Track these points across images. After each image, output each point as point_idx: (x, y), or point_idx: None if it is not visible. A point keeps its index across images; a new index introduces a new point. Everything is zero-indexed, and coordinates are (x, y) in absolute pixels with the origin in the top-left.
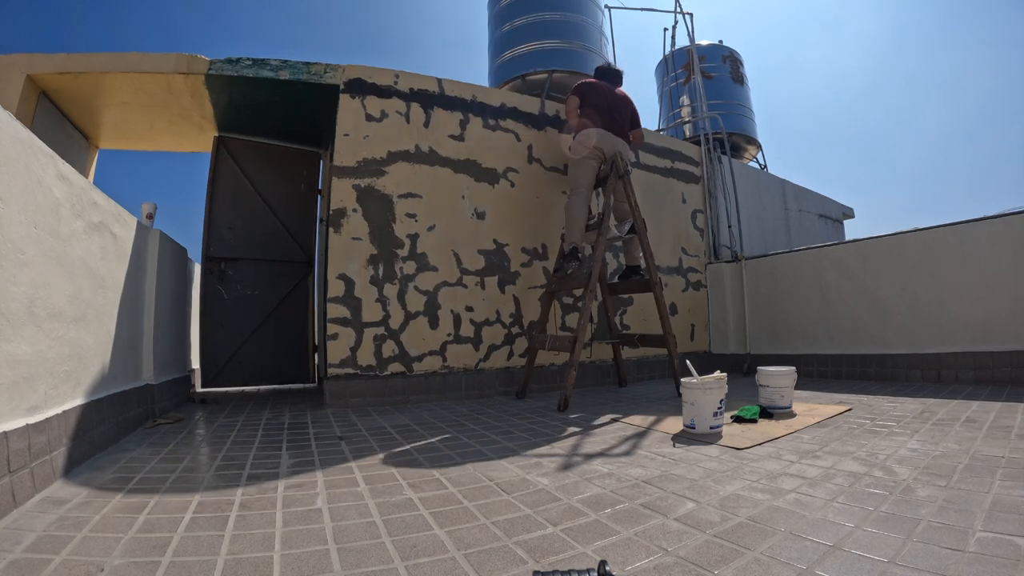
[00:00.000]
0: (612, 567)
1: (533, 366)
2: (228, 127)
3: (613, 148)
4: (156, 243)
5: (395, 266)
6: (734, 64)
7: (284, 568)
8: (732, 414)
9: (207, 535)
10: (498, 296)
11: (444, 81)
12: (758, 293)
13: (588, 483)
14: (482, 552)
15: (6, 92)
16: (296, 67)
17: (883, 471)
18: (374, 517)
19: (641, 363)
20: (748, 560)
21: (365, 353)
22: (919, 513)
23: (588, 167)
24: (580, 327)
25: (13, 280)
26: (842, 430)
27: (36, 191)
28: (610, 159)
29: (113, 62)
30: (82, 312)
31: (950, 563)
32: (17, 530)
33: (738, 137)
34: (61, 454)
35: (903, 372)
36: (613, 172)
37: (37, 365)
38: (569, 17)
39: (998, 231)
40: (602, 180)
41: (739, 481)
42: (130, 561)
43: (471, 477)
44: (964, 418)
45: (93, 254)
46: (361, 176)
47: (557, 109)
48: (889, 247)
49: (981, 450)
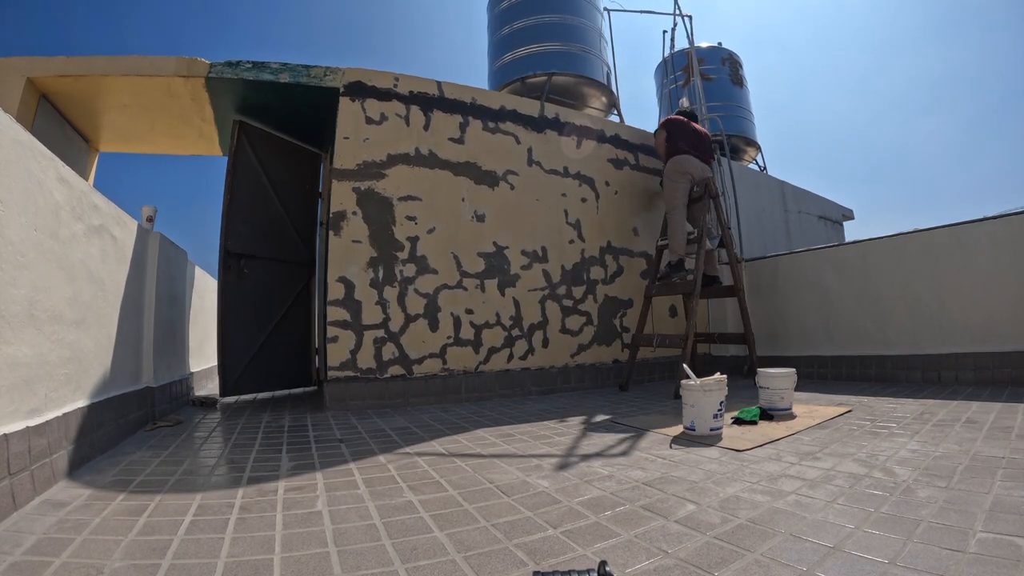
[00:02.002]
0: (612, 569)
1: (635, 362)
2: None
3: (703, 173)
4: (156, 246)
5: (395, 269)
6: (733, 66)
7: (284, 570)
8: (732, 416)
9: (207, 537)
10: (498, 299)
11: (444, 84)
12: (758, 295)
13: (588, 485)
14: (482, 554)
15: (6, 95)
16: (296, 70)
17: (883, 472)
18: (374, 519)
19: (641, 365)
20: (748, 562)
21: (365, 356)
22: (919, 514)
23: (683, 188)
24: (689, 327)
25: (13, 283)
26: (842, 431)
27: (36, 194)
28: (702, 182)
29: (113, 65)
30: (82, 315)
31: (950, 564)
32: (17, 532)
33: (737, 139)
34: (61, 457)
35: (903, 373)
36: (707, 193)
37: (37, 368)
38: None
39: (999, 232)
40: (695, 200)
41: (739, 483)
42: (130, 564)
43: (471, 479)
44: (964, 419)
45: (93, 257)
46: (361, 179)
47: (556, 111)
48: (889, 248)
49: (981, 451)
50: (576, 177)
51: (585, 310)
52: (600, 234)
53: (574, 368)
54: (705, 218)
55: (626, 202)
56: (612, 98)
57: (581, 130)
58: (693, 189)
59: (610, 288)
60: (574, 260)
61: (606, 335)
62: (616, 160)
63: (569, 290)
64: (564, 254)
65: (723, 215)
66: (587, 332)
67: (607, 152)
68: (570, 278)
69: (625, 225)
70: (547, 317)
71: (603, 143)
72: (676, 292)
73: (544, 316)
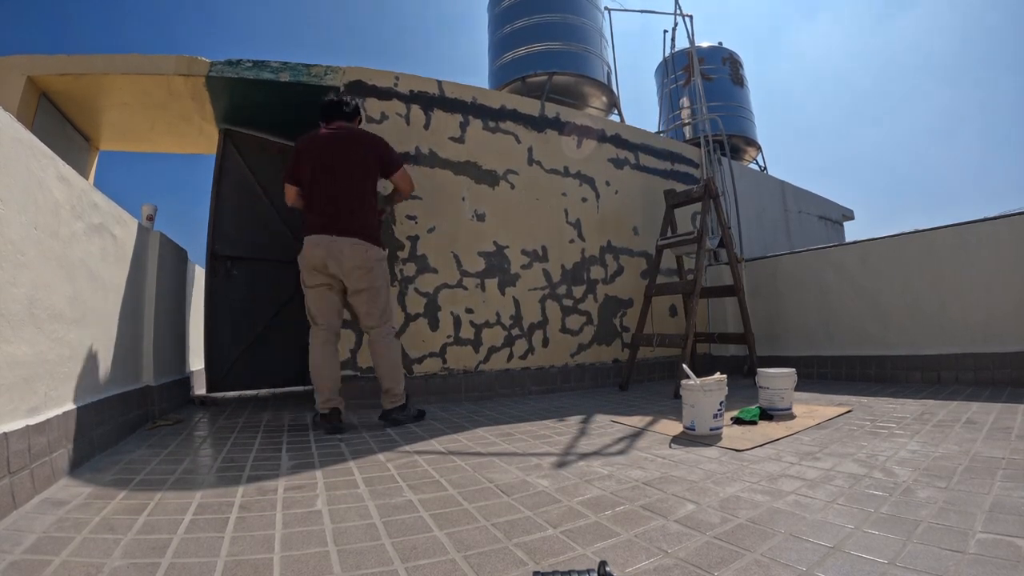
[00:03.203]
0: (612, 568)
1: (634, 362)
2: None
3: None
4: (156, 245)
5: (395, 268)
6: (734, 66)
7: (284, 570)
8: (732, 416)
9: (207, 536)
10: (498, 298)
11: (444, 83)
12: (758, 295)
13: (588, 485)
14: (482, 554)
15: (7, 93)
16: (296, 69)
17: (883, 473)
18: (374, 519)
19: (641, 365)
20: (748, 562)
21: (365, 355)
22: (919, 515)
23: None
24: (689, 327)
25: (13, 281)
26: (842, 432)
27: (36, 192)
28: (702, 182)
29: (114, 64)
30: (82, 313)
31: (950, 564)
32: (17, 531)
33: (738, 139)
34: (61, 455)
35: (903, 373)
36: (707, 193)
37: (37, 366)
38: (569, 19)
39: (1000, 232)
40: (696, 199)
41: (739, 483)
42: (130, 563)
43: (471, 478)
44: (964, 419)
45: (93, 256)
46: None
47: (557, 111)
48: (890, 248)
49: (981, 451)
50: (576, 176)
51: (585, 310)
52: (600, 234)
53: (574, 368)
54: (706, 218)
55: (626, 202)
56: (613, 97)
57: (581, 129)
58: (694, 189)
59: (610, 288)
60: (574, 259)
61: (606, 335)
62: (616, 160)
63: (569, 289)
64: (564, 253)
65: (723, 215)
66: (587, 332)
67: (607, 152)
68: (570, 277)
69: (625, 225)
70: (547, 316)
71: (603, 143)
72: (676, 292)
73: (544, 315)
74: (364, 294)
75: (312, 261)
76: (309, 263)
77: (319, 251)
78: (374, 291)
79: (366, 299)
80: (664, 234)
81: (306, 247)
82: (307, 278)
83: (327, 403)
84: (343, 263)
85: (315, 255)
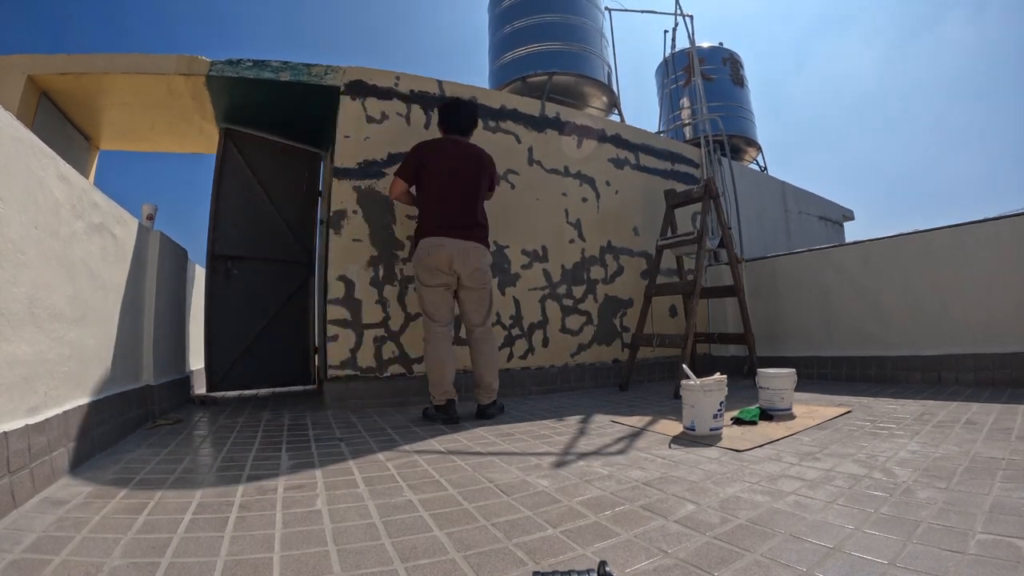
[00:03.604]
0: (612, 568)
1: (634, 362)
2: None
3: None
4: (156, 244)
5: (395, 268)
6: (734, 66)
7: (284, 569)
8: (732, 416)
9: (207, 536)
10: (498, 298)
11: (445, 83)
12: (758, 295)
13: (588, 485)
14: (482, 554)
15: (7, 93)
16: (297, 68)
17: (883, 473)
18: (374, 519)
19: (641, 365)
20: (748, 562)
21: (365, 355)
22: (919, 515)
23: None
24: (689, 327)
25: (13, 281)
26: (842, 432)
27: (37, 192)
28: (702, 182)
29: (114, 63)
30: (82, 313)
31: (950, 565)
32: (17, 530)
33: (738, 139)
34: (61, 454)
35: (903, 374)
36: (707, 193)
37: (37, 366)
38: (569, 19)
39: (1001, 232)
40: (696, 200)
41: (739, 483)
42: (130, 562)
43: (470, 478)
44: (964, 420)
45: (93, 255)
46: (362, 178)
47: (557, 111)
48: (890, 249)
49: (981, 452)
50: (576, 176)
51: (585, 309)
52: (600, 234)
53: (574, 367)
54: (706, 218)
55: (627, 202)
56: (613, 97)
57: (582, 129)
58: (694, 189)
59: (610, 288)
60: (574, 259)
61: (606, 335)
62: (617, 160)
63: (569, 289)
64: (564, 253)
65: (723, 215)
66: (587, 332)
67: (608, 152)
68: (570, 277)
69: (625, 225)
70: (547, 316)
71: (604, 143)
72: (676, 292)
73: (544, 315)
74: (477, 293)
75: (436, 261)
76: (432, 263)
77: (445, 252)
78: (486, 292)
79: (478, 298)
80: (664, 234)
81: (428, 248)
82: (427, 278)
83: (444, 395)
84: (468, 264)
85: (441, 256)
